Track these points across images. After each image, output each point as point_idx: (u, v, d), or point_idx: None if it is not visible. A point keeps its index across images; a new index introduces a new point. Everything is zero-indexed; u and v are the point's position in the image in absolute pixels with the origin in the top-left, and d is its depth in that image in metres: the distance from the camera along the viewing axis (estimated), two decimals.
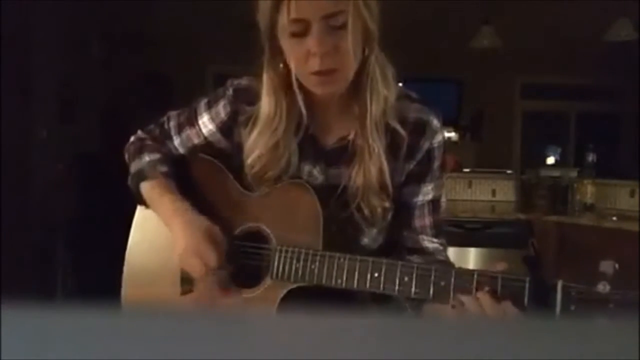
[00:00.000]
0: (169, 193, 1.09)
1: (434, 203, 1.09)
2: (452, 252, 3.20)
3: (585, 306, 0.79)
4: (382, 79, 1.01)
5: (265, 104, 1.03)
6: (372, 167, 1.01)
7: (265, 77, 1.02)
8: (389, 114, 1.02)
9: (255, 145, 1.05)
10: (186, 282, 1.11)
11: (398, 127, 1.03)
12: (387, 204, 1.04)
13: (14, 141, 3.30)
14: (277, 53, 0.99)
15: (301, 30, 0.93)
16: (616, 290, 0.78)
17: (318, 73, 0.94)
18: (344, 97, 1.04)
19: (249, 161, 1.07)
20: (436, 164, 1.07)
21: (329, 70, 0.94)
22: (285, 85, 1.01)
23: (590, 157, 3.64)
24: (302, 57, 0.94)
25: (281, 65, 1.00)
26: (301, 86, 1.00)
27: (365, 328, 0.30)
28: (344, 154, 1.05)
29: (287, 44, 0.96)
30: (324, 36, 0.92)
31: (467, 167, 4.31)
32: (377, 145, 1.01)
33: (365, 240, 1.07)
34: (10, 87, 3.24)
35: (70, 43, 4.01)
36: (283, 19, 0.93)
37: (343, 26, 0.92)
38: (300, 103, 1.02)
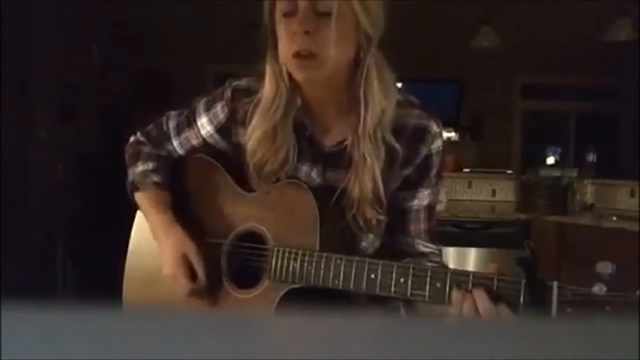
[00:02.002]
0: (156, 208, 1.12)
1: (430, 209, 1.09)
2: (451, 252, 3.22)
3: (582, 308, 0.78)
4: (381, 89, 1.00)
5: (267, 87, 1.04)
6: (367, 180, 1.01)
7: (268, 65, 1.03)
8: (386, 128, 1.01)
9: (255, 128, 1.06)
10: None
11: (393, 141, 1.02)
12: (381, 217, 1.04)
13: (14, 141, 3.30)
14: (277, 42, 1.00)
15: (290, 11, 0.95)
16: (613, 291, 0.78)
17: (297, 55, 0.95)
18: (341, 99, 1.04)
19: (249, 146, 1.07)
20: (434, 170, 1.07)
21: (308, 53, 0.94)
22: (286, 74, 1.02)
23: (590, 157, 3.64)
24: (287, 37, 0.96)
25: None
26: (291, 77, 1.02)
27: (363, 328, 0.30)
28: (342, 158, 1.04)
29: (279, 27, 0.98)
30: (308, 17, 0.94)
31: (467, 167, 4.31)
32: (370, 158, 1.00)
33: (363, 244, 1.07)
34: (10, 87, 3.24)
35: (70, 43, 4.01)
36: (279, 3, 0.97)
37: (329, 14, 0.94)
38: (285, 87, 1.03)
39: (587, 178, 3.53)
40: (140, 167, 1.15)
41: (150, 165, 1.15)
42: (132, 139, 1.21)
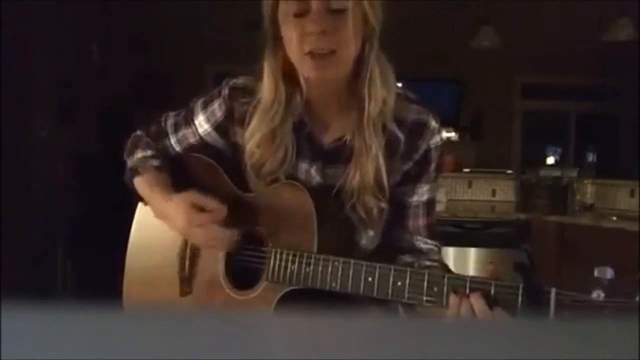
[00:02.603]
0: (159, 185, 1.10)
1: (429, 204, 1.10)
2: (451, 252, 3.22)
3: (580, 314, 0.78)
4: (381, 81, 1.01)
5: (266, 90, 1.04)
6: (369, 167, 1.01)
7: (266, 64, 1.03)
8: (388, 116, 1.02)
9: (254, 132, 1.05)
10: (185, 283, 1.12)
11: (395, 129, 1.03)
12: (383, 204, 1.04)
13: (14, 141, 3.30)
14: (278, 41, 1.00)
15: (301, 11, 0.95)
16: (611, 297, 0.78)
17: (312, 54, 0.94)
18: (342, 95, 1.04)
19: (248, 147, 1.07)
20: (433, 165, 1.07)
21: (324, 52, 0.94)
22: (286, 72, 1.02)
23: (590, 157, 3.64)
24: (298, 37, 0.95)
25: (281, 53, 1.01)
26: (297, 77, 1.01)
27: (361, 330, 0.30)
28: (341, 154, 1.05)
29: (286, 27, 0.97)
30: (323, 16, 0.93)
31: (467, 167, 4.31)
32: (375, 145, 1.01)
33: (363, 242, 1.07)
34: (10, 87, 3.24)
35: (70, 43, 4.01)
36: (285, 3, 0.96)
37: (343, 10, 0.94)
38: (284, 88, 1.02)
39: (587, 178, 3.53)
40: (139, 154, 1.15)
41: (149, 152, 1.15)
42: (131, 136, 1.22)
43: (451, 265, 3.12)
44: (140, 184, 1.13)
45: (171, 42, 4.92)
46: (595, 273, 0.78)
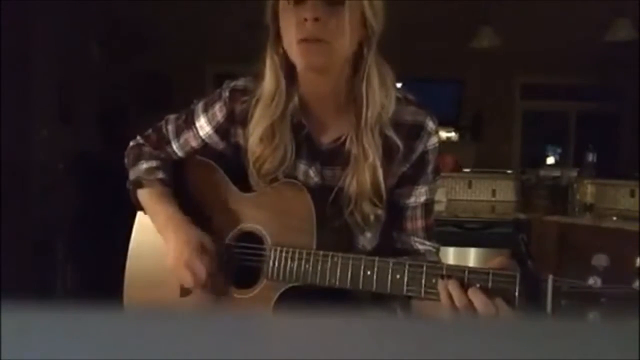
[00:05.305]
0: (163, 201, 1.10)
1: (427, 206, 1.10)
2: (452, 252, 3.21)
3: (577, 301, 0.79)
4: (380, 85, 1.01)
5: (267, 82, 1.04)
6: (366, 174, 1.01)
7: (268, 59, 1.04)
8: (385, 122, 1.02)
9: (256, 125, 1.06)
10: None
11: (394, 135, 1.03)
12: (379, 211, 1.05)
13: (14, 141, 3.30)
14: (278, 35, 1.01)
15: None
16: (607, 284, 0.78)
17: (305, 40, 0.95)
18: (340, 96, 1.04)
19: (250, 142, 1.07)
20: (430, 167, 1.08)
21: (316, 39, 0.95)
22: (285, 68, 1.03)
23: (590, 157, 3.64)
24: (295, 26, 0.96)
25: (281, 48, 1.01)
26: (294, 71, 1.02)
27: (361, 328, 0.30)
28: (340, 155, 1.05)
29: (284, 18, 0.98)
30: (320, 5, 0.94)
31: (467, 167, 4.32)
32: (372, 152, 1.01)
33: (361, 242, 1.08)
34: (10, 86, 3.24)
35: (71, 43, 4.01)
36: None
37: (341, 3, 0.95)
38: (285, 80, 1.03)
39: (587, 178, 3.53)
40: (144, 165, 1.15)
41: (154, 163, 1.16)
42: (132, 143, 1.22)
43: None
44: (143, 196, 1.13)
45: (171, 42, 4.92)
46: (592, 261, 0.79)
